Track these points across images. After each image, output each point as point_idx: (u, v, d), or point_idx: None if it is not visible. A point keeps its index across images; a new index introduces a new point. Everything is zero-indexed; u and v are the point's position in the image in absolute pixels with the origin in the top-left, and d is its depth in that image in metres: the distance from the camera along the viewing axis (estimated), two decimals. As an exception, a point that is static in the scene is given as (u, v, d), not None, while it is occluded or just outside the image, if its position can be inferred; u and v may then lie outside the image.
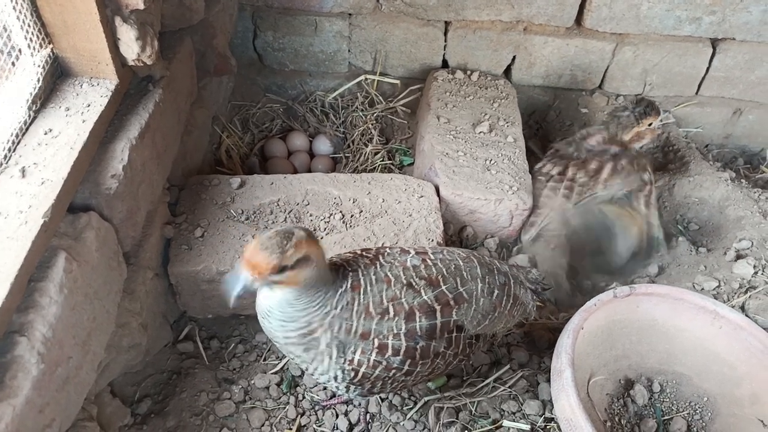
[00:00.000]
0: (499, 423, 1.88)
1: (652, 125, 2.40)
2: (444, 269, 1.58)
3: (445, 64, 2.91)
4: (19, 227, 1.34)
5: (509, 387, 1.97)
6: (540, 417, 1.90)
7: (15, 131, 1.52)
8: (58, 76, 1.70)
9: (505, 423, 1.87)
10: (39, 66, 1.61)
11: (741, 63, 2.83)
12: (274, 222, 2.12)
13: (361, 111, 2.94)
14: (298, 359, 1.52)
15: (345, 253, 1.59)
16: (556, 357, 1.77)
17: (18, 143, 1.53)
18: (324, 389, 1.96)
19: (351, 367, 1.47)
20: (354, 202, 2.22)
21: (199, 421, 1.84)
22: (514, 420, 1.89)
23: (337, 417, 1.90)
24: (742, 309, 2.08)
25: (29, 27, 1.55)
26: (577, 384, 1.67)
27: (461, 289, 1.58)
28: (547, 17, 2.72)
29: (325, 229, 2.12)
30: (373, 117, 2.92)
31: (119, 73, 1.72)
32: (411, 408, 1.91)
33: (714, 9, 2.65)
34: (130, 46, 1.68)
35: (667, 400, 1.99)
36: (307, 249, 1.34)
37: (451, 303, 1.55)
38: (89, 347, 1.51)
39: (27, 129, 1.57)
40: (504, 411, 1.92)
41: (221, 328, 2.12)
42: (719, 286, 2.17)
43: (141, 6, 1.63)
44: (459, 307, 1.57)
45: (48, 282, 1.35)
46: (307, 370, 1.53)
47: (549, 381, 1.92)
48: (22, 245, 1.30)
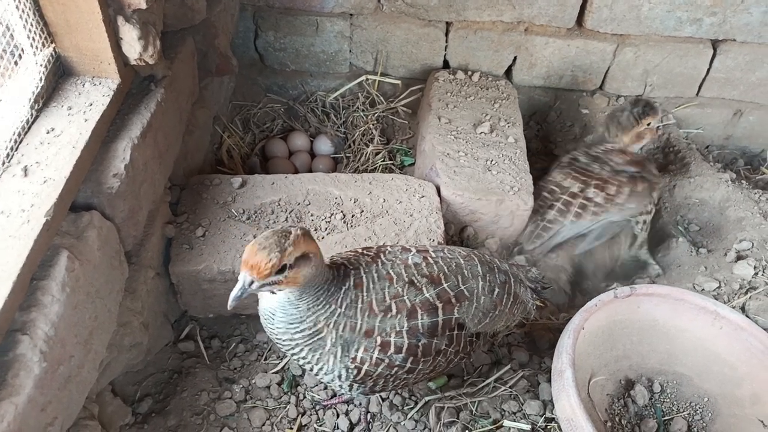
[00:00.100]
0: (500, 423, 1.88)
1: (651, 125, 2.39)
2: (445, 267, 1.59)
3: (446, 64, 2.91)
4: (22, 226, 1.34)
5: (510, 387, 1.97)
6: (540, 417, 1.91)
7: (17, 130, 1.53)
8: (60, 75, 1.71)
9: (506, 423, 1.87)
10: (41, 65, 1.62)
11: (741, 64, 2.84)
12: (275, 222, 2.12)
13: (362, 111, 2.95)
14: (302, 361, 1.51)
15: (346, 252, 1.60)
16: (556, 357, 1.78)
17: (20, 142, 1.53)
18: (325, 388, 1.96)
19: (354, 365, 1.48)
20: (355, 202, 2.22)
21: (200, 421, 1.84)
22: (514, 420, 1.89)
23: (338, 416, 1.90)
24: (742, 310, 2.08)
25: (32, 26, 1.56)
26: (578, 384, 1.67)
27: (462, 287, 1.58)
28: (548, 18, 2.72)
29: (326, 229, 2.12)
30: (374, 117, 2.92)
31: (121, 73, 1.72)
32: (412, 408, 1.91)
33: (715, 10, 2.65)
34: (132, 45, 1.68)
35: (668, 400, 2.00)
36: (306, 247, 1.34)
37: (453, 300, 1.55)
38: (91, 346, 1.51)
39: (29, 128, 1.57)
40: (505, 411, 1.92)
41: (222, 327, 2.13)
42: (720, 286, 2.18)
43: (143, 5, 1.63)
44: (460, 305, 1.57)
45: (50, 281, 1.35)
46: (312, 370, 1.53)
47: (550, 381, 1.92)
48: (24, 244, 1.31)
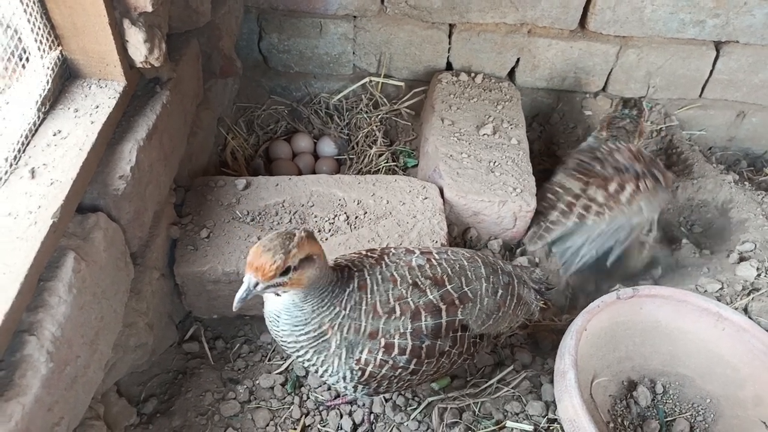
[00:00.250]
0: (503, 424, 1.89)
1: (644, 117, 2.42)
2: (449, 269, 1.60)
3: (450, 66, 2.92)
4: (29, 228, 1.35)
5: (512, 388, 1.98)
6: (543, 418, 1.91)
7: (24, 132, 1.54)
8: (66, 77, 1.72)
9: (509, 424, 1.88)
10: (48, 68, 1.63)
11: (744, 66, 2.84)
12: (279, 223, 2.13)
13: (366, 113, 2.96)
14: (307, 363, 1.52)
15: (349, 254, 1.60)
16: (559, 358, 1.78)
17: (27, 144, 1.54)
18: (328, 389, 1.97)
19: (359, 367, 1.48)
20: (358, 203, 2.23)
21: (205, 421, 1.85)
22: (517, 421, 1.90)
23: (342, 417, 1.91)
24: (745, 311, 2.08)
25: (39, 29, 1.57)
26: (581, 385, 1.68)
27: (466, 289, 1.59)
28: (551, 20, 2.72)
29: (330, 231, 2.13)
30: (378, 119, 2.93)
31: (127, 75, 1.73)
32: (415, 408, 1.92)
33: (718, 12, 2.65)
34: (138, 48, 1.69)
35: (670, 401, 2.00)
36: (310, 248, 1.34)
37: (456, 302, 1.56)
38: (97, 346, 1.53)
39: (36, 130, 1.58)
40: (507, 412, 1.93)
41: (226, 328, 2.14)
42: (722, 288, 2.18)
43: (149, 8, 1.64)
44: (464, 307, 1.58)
45: (57, 282, 1.36)
46: (317, 372, 1.54)
47: (552, 382, 1.92)
48: (31, 245, 1.32)
